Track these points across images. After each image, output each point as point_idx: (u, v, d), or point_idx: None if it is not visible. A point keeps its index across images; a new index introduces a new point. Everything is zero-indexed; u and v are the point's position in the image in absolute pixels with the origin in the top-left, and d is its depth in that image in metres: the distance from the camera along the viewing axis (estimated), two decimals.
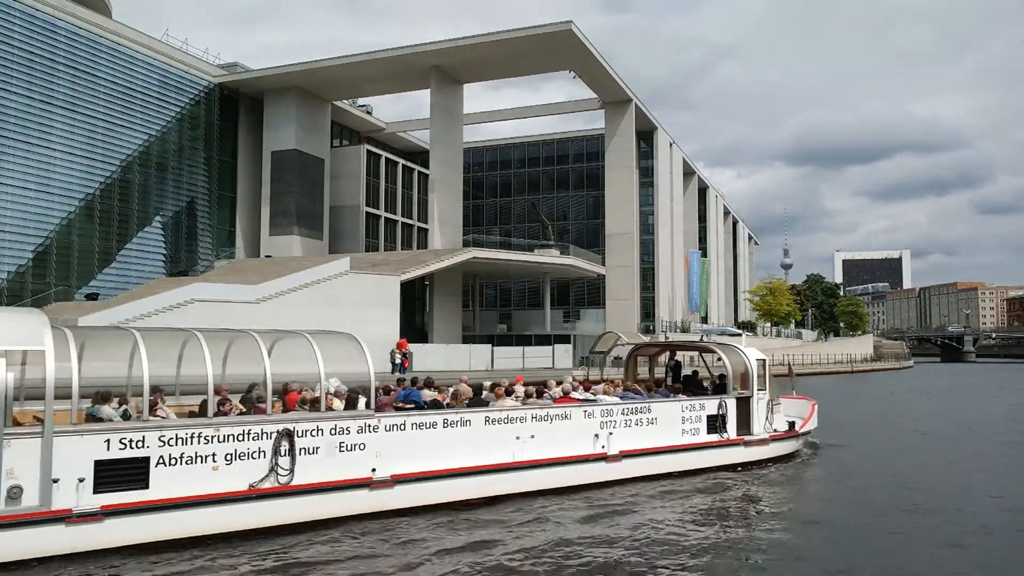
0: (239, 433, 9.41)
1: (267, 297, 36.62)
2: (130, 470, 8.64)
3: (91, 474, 8.38)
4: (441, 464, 10.93)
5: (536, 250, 53.52)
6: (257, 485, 9.44)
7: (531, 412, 12.22)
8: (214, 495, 9.12)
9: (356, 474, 10.21)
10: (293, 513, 9.68)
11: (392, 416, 10.86)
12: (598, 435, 12.82)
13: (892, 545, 10.00)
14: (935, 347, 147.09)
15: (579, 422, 12.72)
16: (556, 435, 12.34)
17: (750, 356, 15.56)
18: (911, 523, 11.32)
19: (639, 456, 13.26)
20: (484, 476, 11.34)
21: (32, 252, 40.66)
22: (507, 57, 49.58)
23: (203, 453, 9.13)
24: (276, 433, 9.63)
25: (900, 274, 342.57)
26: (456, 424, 11.27)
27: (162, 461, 8.85)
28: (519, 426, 11.89)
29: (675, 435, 13.95)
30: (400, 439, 10.66)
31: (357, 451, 10.25)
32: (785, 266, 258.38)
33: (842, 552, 9.65)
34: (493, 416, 11.75)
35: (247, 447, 9.44)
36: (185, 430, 9.10)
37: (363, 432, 10.33)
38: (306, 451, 9.85)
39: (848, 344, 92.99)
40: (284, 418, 9.92)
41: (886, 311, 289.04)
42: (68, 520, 8.18)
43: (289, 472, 9.66)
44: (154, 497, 8.72)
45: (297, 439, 9.77)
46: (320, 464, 9.92)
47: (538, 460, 11.94)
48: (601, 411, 13.05)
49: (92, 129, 43.77)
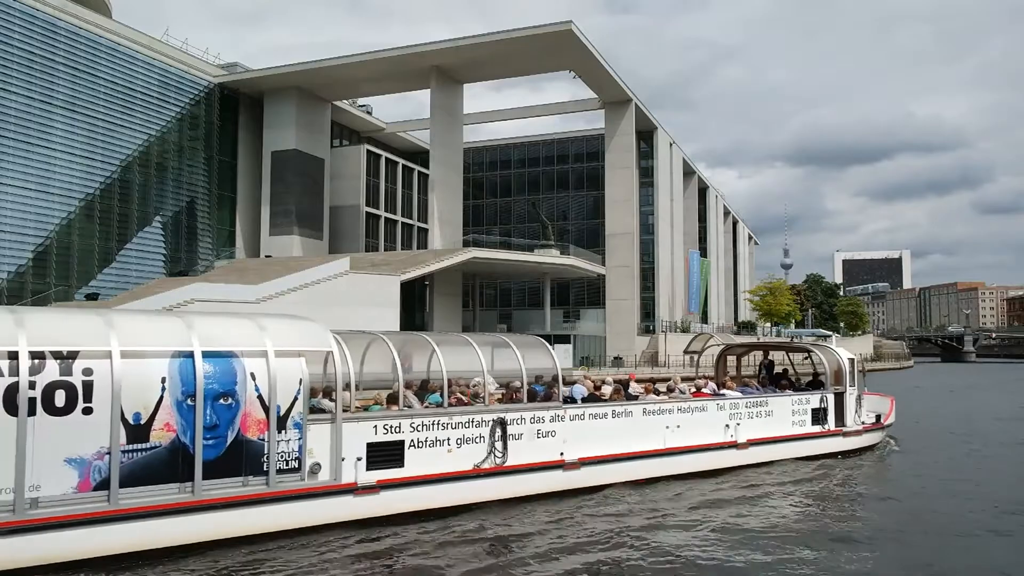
0: (466, 421, 11.10)
1: (267, 297, 36.62)
2: (391, 451, 10.29)
3: (365, 454, 10.00)
4: (612, 449, 12.66)
5: (536, 250, 53.53)
6: (480, 465, 11.15)
7: (677, 405, 14.05)
8: (449, 473, 10.77)
9: (550, 457, 11.93)
10: (505, 490, 11.35)
11: (575, 408, 12.58)
12: (728, 425, 14.65)
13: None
14: (935, 347, 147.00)
15: (713, 414, 14.50)
16: (696, 425, 14.10)
17: (843, 355, 17.29)
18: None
19: (761, 444, 15.05)
20: (645, 460, 13.09)
21: (32, 252, 40.67)
22: (507, 57, 49.58)
23: (441, 438, 10.79)
24: (493, 422, 11.31)
25: (900, 274, 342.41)
26: (621, 415, 13.07)
27: (413, 444, 10.52)
28: (668, 417, 13.69)
29: (787, 426, 15.75)
30: (581, 427, 12.38)
31: (550, 437, 11.98)
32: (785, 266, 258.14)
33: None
34: (649, 408, 13.55)
35: (472, 433, 11.14)
36: (428, 418, 10.76)
37: (554, 421, 12.07)
38: (514, 437, 11.51)
39: (848, 344, 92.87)
40: (497, 409, 11.53)
41: (886, 311, 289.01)
42: (355, 492, 9.81)
43: (503, 454, 11.34)
44: (408, 474, 10.36)
45: (508, 427, 11.47)
46: (524, 448, 11.62)
47: (683, 447, 13.75)
48: (730, 404, 14.87)
49: (92, 129, 43.78)
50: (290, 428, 9.25)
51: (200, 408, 8.53)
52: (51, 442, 7.75)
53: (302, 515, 9.34)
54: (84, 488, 7.92)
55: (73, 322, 8.73)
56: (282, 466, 9.18)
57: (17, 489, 7.58)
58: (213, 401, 8.68)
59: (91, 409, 7.98)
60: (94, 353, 8.15)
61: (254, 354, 9.11)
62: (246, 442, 8.90)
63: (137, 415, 8.21)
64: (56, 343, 8.04)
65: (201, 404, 8.55)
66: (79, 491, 7.89)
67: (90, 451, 7.96)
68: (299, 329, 9.99)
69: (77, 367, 8.00)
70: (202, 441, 8.55)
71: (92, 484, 7.96)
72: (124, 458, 8.13)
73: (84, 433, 7.93)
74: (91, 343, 8.23)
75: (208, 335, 8.99)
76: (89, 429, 7.95)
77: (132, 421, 8.19)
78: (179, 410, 8.45)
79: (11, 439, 7.54)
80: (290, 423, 9.26)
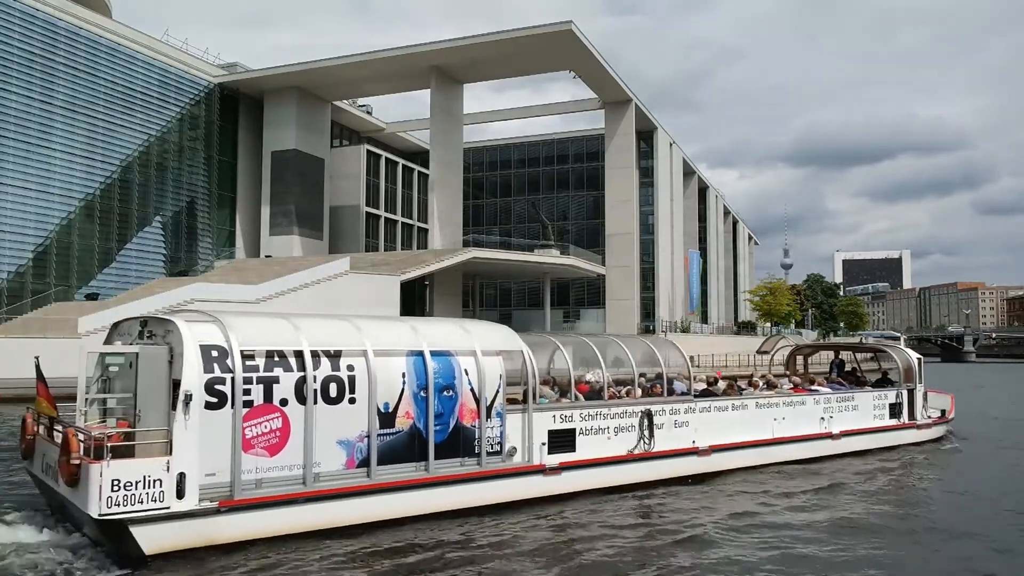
0: (621, 412, 12.57)
1: (267, 297, 36.65)
2: (566, 438, 11.73)
3: (547, 440, 11.43)
4: (733, 438, 14.13)
5: (536, 250, 53.53)
6: (632, 451, 12.57)
7: (782, 399, 15.52)
8: (610, 457, 12.23)
9: (685, 444, 13.38)
10: (652, 472, 12.74)
11: (704, 401, 14.02)
12: (823, 418, 16.09)
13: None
14: (935, 347, 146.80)
15: (811, 407, 15.95)
16: (798, 417, 15.55)
17: (912, 356, 18.97)
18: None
19: (851, 435, 16.52)
20: (760, 448, 14.58)
21: (32, 252, 40.68)
22: (507, 57, 49.59)
23: (601, 427, 12.23)
24: (641, 413, 12.74)
25: (900, 274, 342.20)
26: (739, 408, 14.57)
27: (581, 431, 11.95)
28: (775, 410, 15.16)
29: (869, 419, 17.24)
30: (709, 419, 13.88)
31: (684, 427, 13.44)
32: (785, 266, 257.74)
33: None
34: (761, 402, 15.03)
35: (625, 423, 12.58)
36: (593, 410, 12.21)
37: (687, 413, 13.55)
38: (657, 427, 12.92)
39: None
40: (644, 401, 13.00)
41: (886, 311, 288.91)
42: (544, 472, 11.28)
43: (650, 441, 12.74)
44: (579, 458, 11.79)
45: (654, 417, 12.92)
46: (664, 436, 13.04)
47: (788, 437, 15.20)
48: (823, 399, 16.36)
49: (92, 129, 43.80)
50: (493, 417, 10.81)
51: (431, 399, 10.16)
52: (327, 426, 9.29)
53: (504, 491, 10.88)
54: (350, 465, 9.51)
55: (334, 326, 10.20)
56: (488, 449, 10.73)
57: (307, 465, 9.08)
58: (439, 393, 10.28)
59: (354, 399, 9.54)
60: (353, 352, 9.70)
61: (465, 353, 10.73)
62: (462, 428, 10.51)
63: (386, 404, 9.82)
64: (327, 344, 9.57)
65: (432, 395, 10.17)
66: (347, 468, 9.48)
67: (354, 434, 9.56)
68: (497, 332, 11.85)
69: (343, 364, 9.55)
70: (433, 427, 10.17)
71: (356, 462, 9.55)
72: (378, 441, 9.70)
73: (350, 419, 9.51)
74: (350, 344, 9.76)
75: (432, 337, 10.64)
76: (353, 416, 9.53)
77: (383, 409, 9.79)
78: (415, 400, 10.06)
79: (301, 424, 9.08)
80: (493, 412, 10.81)
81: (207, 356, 8.59)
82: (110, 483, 7.82)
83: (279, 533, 8.80)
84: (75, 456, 7.99)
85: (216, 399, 8.53)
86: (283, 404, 8.99)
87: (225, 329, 8.94)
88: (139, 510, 7.94)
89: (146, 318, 9.88)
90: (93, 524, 7.98)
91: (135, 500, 7.95)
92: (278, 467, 8.92)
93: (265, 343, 9.12)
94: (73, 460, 7.98)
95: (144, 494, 8.00)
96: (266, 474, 8.80)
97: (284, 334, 9.40)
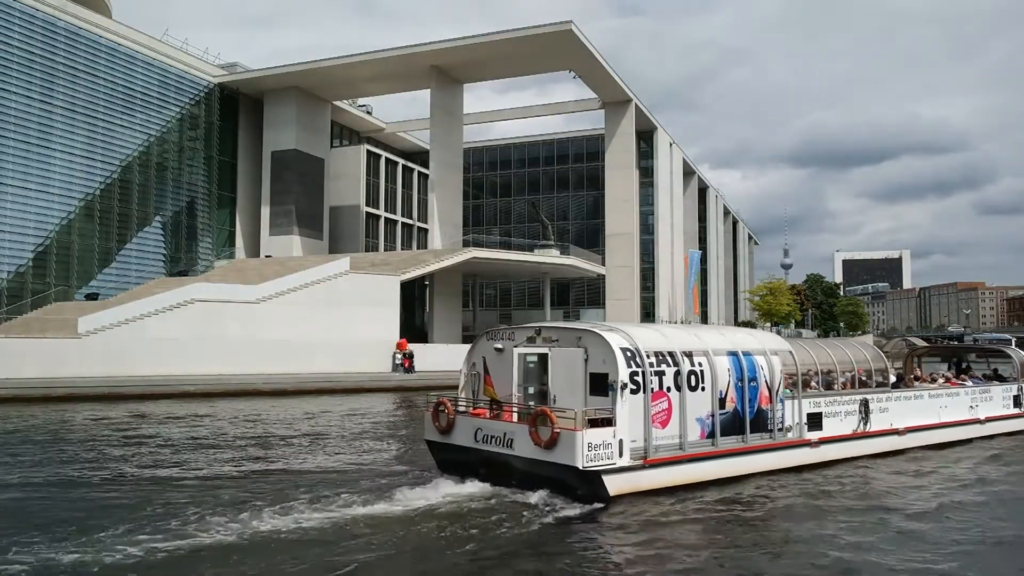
0: (849, 400, 15.92)
1: (267, 297, 36.65)
2: (817, 419, 14.94)
3: (805, 420, 14.63)
4: (916, 421, 17.44)
5: (536, 250, 53.52)
6: (855, 430, 15.87)
7: (944, 391, 19.05)
8: (843, 435, 15.55)
9: (887, 426, 16.71)
10: (869, 448, 16.15)
11: (899, 391, 17.48)
12: (972, 407, 19.51)
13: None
14: None
15: (963, 398, 19.44)
16: (956, 406, 19.04)
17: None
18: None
19: (993, 421, 19.99)
20: (934, 430, 17.95)
21: (32, 252, 40.68)
22: (507, 57, 49.59)
23: (837, 411, 15.53)
24: (860, 401, 16.09)
25: (900, 274, 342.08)
26: (919, 397, 17.96)
27: (825, 415, 15.18)
28: (940, 399, 18.58)
29: (999, 408, 20.68)
30: (900, 406, 17.17)
31: (886, 413, 16.77)
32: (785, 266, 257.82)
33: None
34: (932, 393, 18.48)
35: (851, 408, 15.90)
36: (829, 398, 15.48)
37: (887, 401, 16.89)
38: (872, 412, 16.26)
39: None
40: (862, 392, 16.39)
41: (886, 311, 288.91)
42: (811, 446, 14.62)
43: (867, 423, 16.09)
44: (826, 435, 15.01)
45: (869, 404, 16.21)
46: (875, 420, 16.34)
47: (951, 422, 18.64)
48: (969, 391, 19.80)
49: (92, 129, 43.79)
50: (777, 402, 14.03)
51: (746, 388, 13.48)
52: (690, 408, 12.57)
53: (786, 459, 14.19)
54: (702, 436, 12.82)
55: (683, 334, 13.70)
56: (776, 427, 13.99)
57: (682, 435, 12.42)
58: (749, 383, 13.55)
59: (704, 388, 12.89)
60: (699, 352, 13.06)
61: (759, 352, 14.08)
62: (760, 410, 13.80)
63: (720, 392, 13.08)
64: (685, 347, 12.89)
65: (746, 385, 13.51)
66: (700, 438, 12.78)
67: (704, 413, 12.87)
68: (772, 337, 15.75)
69: (696, 361, 12.90)
70: (747, 409, 13.50)
71: (705, 434, 12.87)
72: (719, 419, 13.03)
73: (702, 402, 12.83)
74: (696, 346, 13.10)
75: (738, 341, 14.14)
76: (703, 401, 12.86)
77: (719, 396, 13.06)
78: (736, 389, 13.38)
79: (678, 405, 12.43)
80: (776, 398, 14.02)
81: (626, 356, 11.79)
82: (587, 445, 10.92)
83: (670, 484, 12.07)
84: (557, 427, 11.04)
85: (635, 387, 11.78)
86: (668, 391, 12.31)
87: (630, 337, 12.29)
88: (604, 464, 11.12)
89: (539, 327, 13.34)
90: (575, 475, 10.97)
91: (602, 457, 11.13)
92: (667, 436, 12.25)
93: (654, 346, 12.42)
94: (556, 429, 11.02)
95: (603, 453, 11.14)
96: (660, 441, 12.12)
97: (660, 340, 12.80)
